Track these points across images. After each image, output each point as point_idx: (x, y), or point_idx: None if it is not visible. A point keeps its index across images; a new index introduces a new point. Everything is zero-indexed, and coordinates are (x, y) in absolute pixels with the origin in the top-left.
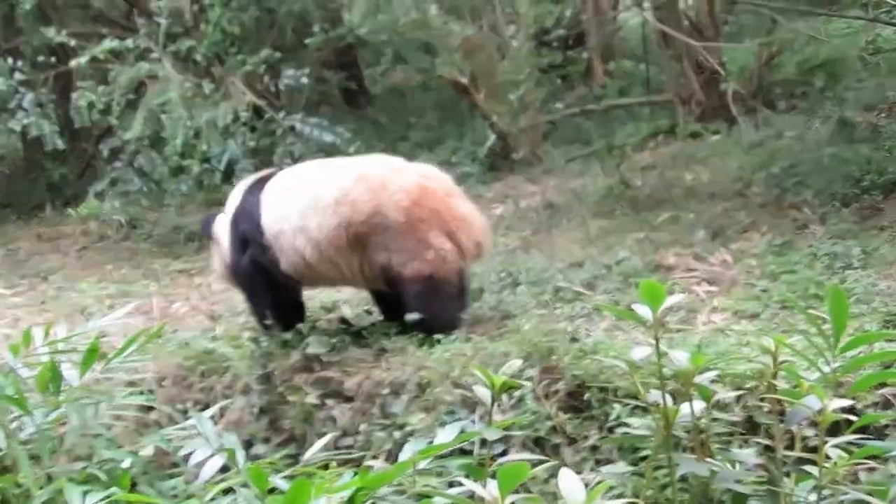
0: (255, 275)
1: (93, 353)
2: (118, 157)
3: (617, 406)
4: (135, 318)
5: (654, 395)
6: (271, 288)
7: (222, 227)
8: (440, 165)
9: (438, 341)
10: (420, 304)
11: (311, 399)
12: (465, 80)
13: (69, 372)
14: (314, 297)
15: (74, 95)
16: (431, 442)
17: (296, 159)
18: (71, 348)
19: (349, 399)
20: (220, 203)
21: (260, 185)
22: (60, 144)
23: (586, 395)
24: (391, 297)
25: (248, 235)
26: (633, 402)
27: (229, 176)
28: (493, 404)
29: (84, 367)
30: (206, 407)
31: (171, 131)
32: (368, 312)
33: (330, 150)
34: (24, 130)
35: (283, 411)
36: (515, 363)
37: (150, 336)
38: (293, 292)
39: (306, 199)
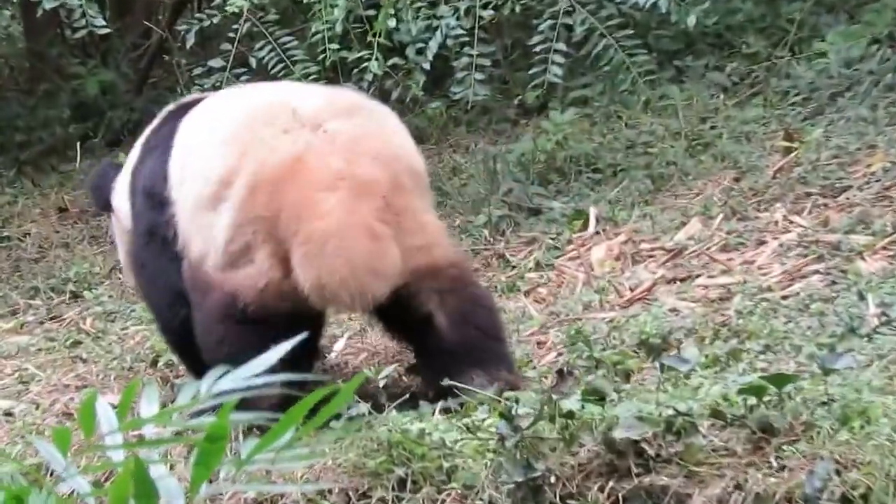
0: (154, 279)
1: (216, 449)
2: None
3: None
4: None
5: None
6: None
7: (122, 189)
8: None
9: None
10: (205, 330)
11: None
12: None
13: (167, 483)
14: None
15: None
16: None
17: None
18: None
19: None
20: None
21: (178, 113)
22: (101, 24)
23: None
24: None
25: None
26: None
27: None
28: None
29: (199, 476)
30: None
31: None
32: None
33: None
34: None
35: None
36: None
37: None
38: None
39: (210, 134)
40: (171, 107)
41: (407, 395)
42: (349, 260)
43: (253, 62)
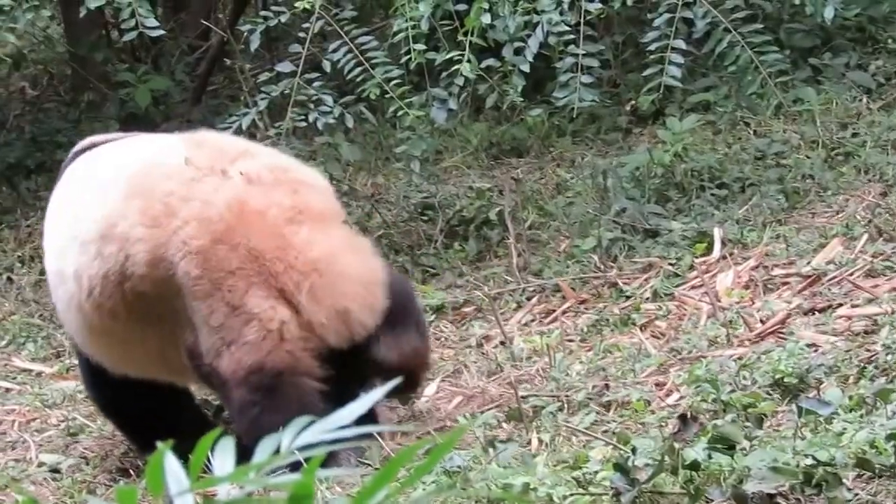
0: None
1: None
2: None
3: None
4: None
5: None
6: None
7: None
8: None
9: None
10: (246, 423)
11: None
12: None
13: None
14: None
15: None
16: None
17: None
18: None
19: None
20: None
21: (68, 163)
22: (153, 25)
23: None
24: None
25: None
26: None
27: None
28: None
29: None
30: None
31: None
32: None
33: None
34: None
35: None
36: None
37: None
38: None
39: (67, 219)
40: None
41: (507, 445)
42: (355, 279)
43: (327, 65)
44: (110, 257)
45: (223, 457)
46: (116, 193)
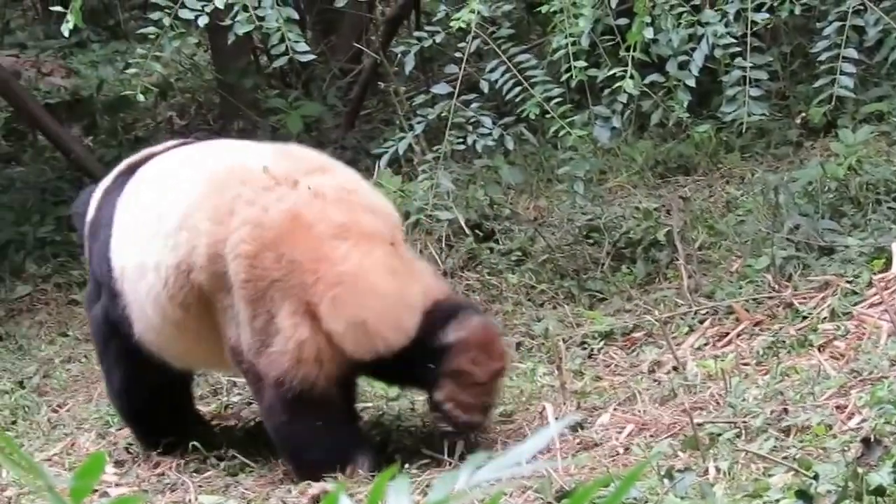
0: (108, 337)
1: None
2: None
3: None
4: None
5: None
6: (125, 364)
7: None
8: None
9: None
10: (273, 424)
11: None
12: None
13: None
14: None
15: None
16: None
17: None
18: None
19: None
20: None
21: (123, 179)
22: (304, 50)
23: None
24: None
25: (97, 270)
26: None
27: None
28: None
29: None
30: None
31: None
32: None
33: None
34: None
35: None
36: None
37: None
38: (160, 375)
39: (151, 215)
40: (122, 167)
41: (684, 475)
42: (381, 295)
43: (484, 86)
44: (181, 246)
45: (398, 496)
46: (197, 191)
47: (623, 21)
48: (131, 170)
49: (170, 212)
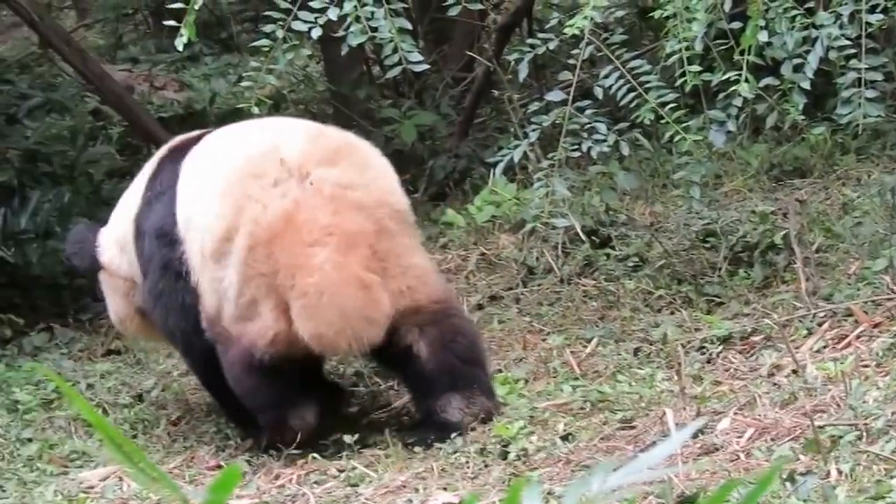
0: (182, 330)
1: None
2: None
3: None
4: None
5: None
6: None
7: (113, 243)
8: None
9: None
10: (232, 375)
11: None
12: None
13: None
14: None
15: None
16: None
17: None
18: None
19: None
20: None
21: (177, 154)
22: (417, 59)
23: None
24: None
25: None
26: None
27: None
28: None
29: None
30: None
31: None
32: None
33: None
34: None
35: None
36: None
37: None
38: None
39: (205, 198)
40: (163, 151)
41: (806, 478)
42: (343, 311)
43: (598, 92)
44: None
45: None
46: (237, 161)
47: (736, 24)
48: (185, 146)
49: (208, 196)
